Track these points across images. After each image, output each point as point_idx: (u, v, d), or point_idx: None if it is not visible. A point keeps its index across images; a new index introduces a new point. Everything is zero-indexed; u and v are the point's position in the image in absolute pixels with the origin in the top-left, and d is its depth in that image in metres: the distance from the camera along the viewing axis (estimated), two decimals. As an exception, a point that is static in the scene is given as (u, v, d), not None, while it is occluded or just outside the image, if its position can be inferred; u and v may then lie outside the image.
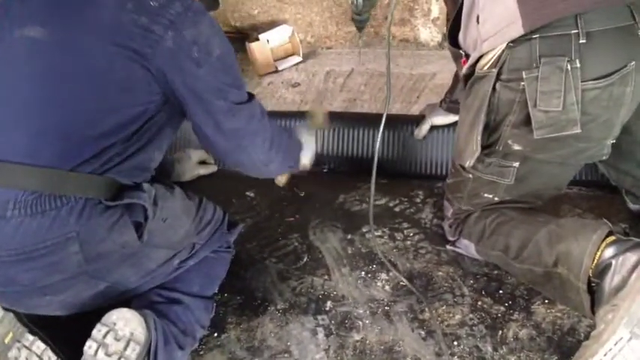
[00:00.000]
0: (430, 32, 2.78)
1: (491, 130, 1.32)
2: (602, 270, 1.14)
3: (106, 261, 1.11)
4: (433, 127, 1.86)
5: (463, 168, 1.43)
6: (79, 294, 1.14)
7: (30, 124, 1.08)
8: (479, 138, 1.30)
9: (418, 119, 1.88)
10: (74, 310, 1.19)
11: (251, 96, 1.27)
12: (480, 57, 1.29)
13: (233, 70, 1.24)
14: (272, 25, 2.80)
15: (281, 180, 1.63)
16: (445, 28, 2.73)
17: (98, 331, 1.12)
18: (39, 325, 1.18)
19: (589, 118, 1.19)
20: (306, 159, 1.53)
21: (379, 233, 1.63)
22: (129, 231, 1.12)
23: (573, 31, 1.14)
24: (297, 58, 2.74)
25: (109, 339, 1.11)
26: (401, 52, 2.80)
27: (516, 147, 1.30)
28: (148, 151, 1.20)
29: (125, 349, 1.11)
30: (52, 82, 1.09)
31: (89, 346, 1.11)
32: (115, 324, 1.13)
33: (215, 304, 1.43)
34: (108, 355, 1.11)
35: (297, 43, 2.74)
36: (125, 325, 1.13)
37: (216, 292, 1.43)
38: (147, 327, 1.15)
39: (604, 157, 1.31)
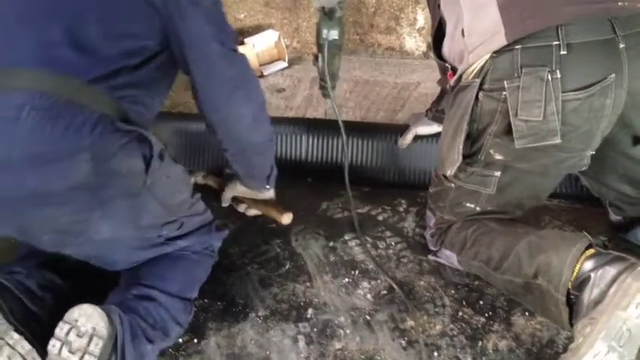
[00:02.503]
0: (415, 41, 2.80)
1: (473, 139, 1.33)
2: (582, 282, 1.15)
3: (108, 183, 1.13)
4: (417, 137, 1.87)
5: (445, 177, 1.44)
6: (74, 216, 1.14)
7: (42, 36, 1.10)
8: (460, 147, 1.32)
9: (402, 128, 1.89)
10: (60, 245, 1.22)
11: (240, 53, 1.31)
12: (466, 69, 1.31)
13: (225, 18, 1.28)
14: (258, 29, 2.79)
15: (287, 218, 1.62)
16: (430, 37, 2.77)
17: (60, 329, 1.12)
18: (25, 325, 1.17)
19: (569, 129, 1.21)
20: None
21: (361, 241, 1.64)
22: (137, 157, 1.15)
23: (554, 43, 1.16)
24: (282, 64, 2.74)
25: (72, 336, 1.11)
26: (386, 61, 2.81)
27: (498, 156, 1.31)
28: (152, 92, 1.25)
29: (88, 344, 1.11)
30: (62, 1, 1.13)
31: (53, 345, 1.11)
32: (76, 320, 1.12)
33: (195, 309, 1.42)
34: (72, 352, 1.10)
35: (283, 49, 2.73)
36: (87, 320, 1.12)
37: (197, 296, 1.42)
38: (110, 321, 1.14)
39: (584, 168, 1.33)
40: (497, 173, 1.36)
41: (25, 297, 1.24)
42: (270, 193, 1.65)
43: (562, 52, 1.16)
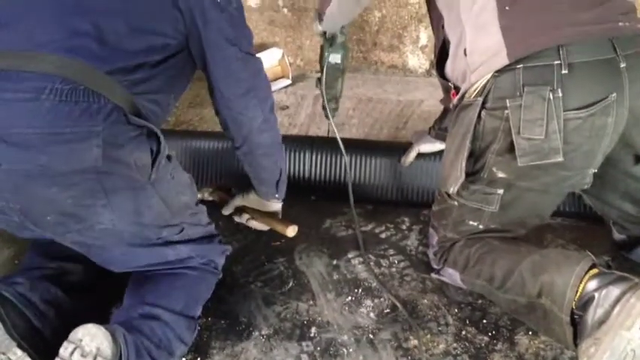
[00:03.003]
0: (418, 59, 2.82)
1: (476, 157, 1.34)
2: (586, 302, 1.15)
3: (115, 172, 1.16)
4: (420, 155, 1.88)
5: (448, 195, 1.45)
6: (79, 200, 1.16)
7: (69, 25, 1.14)
8: (463, 164, 1.33)
9: (404, 146, 1.90)
10: (62, 229, 1.22)
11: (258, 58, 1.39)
12: (469, 88, 1.32)
13: (245, 22, 1.36)
14: (262, 47, 2.81)
15: (292, 231, 1.63)
16: (433, 55, 2.79)
17: (65, 349, 1.12)
18: (28, 341, 1.18)
19: (571, 147, 1.22)
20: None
21: (364, 259, 1.64)
22: (145, 151, 1.19)
23: (556, 62, 1.18)
24: (286, 81, 2.75)
25: (76, 356, 1.11)
26: (389, 78, 2.83)
27: (500, 174, 1.32)
28: (167, 91, 1.30)
29: None
30: None
31: None
32: (81, 340, 1.13)
33: (199, 327, 1.42)
34: None
35: (286, 66, 2.75)
36: (91, 340, 1.13)
37: (200, 315, 1.42)
38: (114, 341, 1.14)
39: (586, 186, 1.34)
40: (500, 191, 1.36)
41: (29, 311, 1.24)
42: (277, 206, 1.66)
43: (563, 72, 1.18)
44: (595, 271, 1.19)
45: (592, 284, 1.16)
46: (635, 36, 1.24)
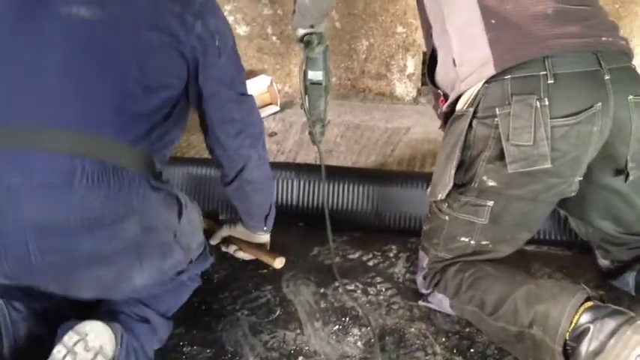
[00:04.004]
0: (405, 87, 2.85)
1: (466, 167, 1.37)
2: (580, 334, 1.16)
3: (150, 239, 1.20)
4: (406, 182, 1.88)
5: (439, 209, 1.47)
6: (119, 274, 1.20)
7: (86, 97, 1.12)
8: (452, 172, 1.36)
9: (392, 174, 1.90)
10: (93, 295, 1.28)
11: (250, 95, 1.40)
12: (459, 97, 1.36)
13: (240, 61, 1.37)
14: (251, 74, 2.83)
15: (279, 263, 1.63)
16: (420, 83, 2.82)
17: (70, 338, 1.15)
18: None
19: (558, 154, 1.26)
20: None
21: (352, 287, 1.63)
22: (171, 212, 1.24)
23: (542, 73, 1.24)
24: (274, 108, 2.77)
25: (79, 348, 1.14)
26: (376, 106, 2.85)
27: (491, 183, 1.34)
28: (175, 137, 1.31)
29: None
30: (102, 59, 1.14)
31: (58, 351, 1.14)
32: (86, 334, 1.16)
33: (184, 357, 1.40)
34: None
35: (275, 93, 2.77)
36: (96, 337, 1.16)
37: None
38: (116, 343, 1.18)
39: (572, 194, 1.36)
40: (490, 203, 1.38)
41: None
42: (265, 238, 1.66)
43: (549, 82, 1.23)
44: (590, 303, 1.20)
45: (586, 316, 1.18)
46: (619, 52, 1.31)
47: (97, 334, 1.17)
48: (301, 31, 1.48)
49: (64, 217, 1.07)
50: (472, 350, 1.42)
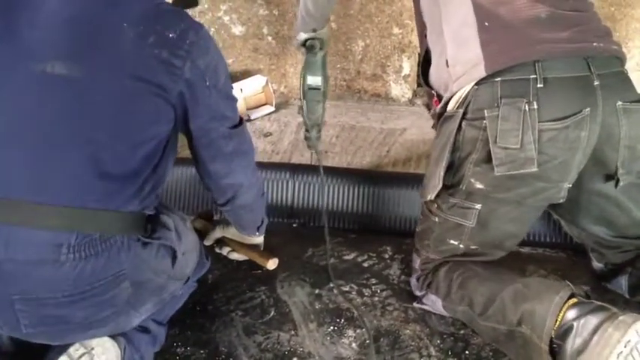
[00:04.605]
0: (401, 88, 2.85)
1: (455, 169, 1.38)
2: (565, 332, 1.16)
3: (145, 290, 1.19)
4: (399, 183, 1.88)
5: (430, 211, 1.47)
6: (115, 328, 1.20)
7: (66, 168, 1.05)
8: (442, 173, 1.36)
9: (388, 175, 1.90)
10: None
11: (241, 119, 1.34)
12: (451, 97, 1.36)
13: (232, 93, 1.31)
14: (246, 75, 2.82)
15: (272, 264, 1.63)
16: (415, 85, 2.83)
17: (76, 350, 1.16)
18: None
19: (545, 158, 1.26)
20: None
21: (347, 288, 1.63)
22: (166, 261, 1.22)
23: (532, 76, 1.24)
24: (269, 108, 2.76)
25: None
26: (372, 107, 2.85)
27: (478, 185, 1.35)
28: (163, 179, 1.24)
29: None
30: (81, 123, 1.06)
31: None
32: (93, 349, 1.17)
33: (177, 357, 1.39)
34: None
35: (270, 94, 2.76)
36: (103, 352, 1.17)
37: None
38: (121, 358, 1.20)
39: (561, 200, 1.36)
40: (478, 206, 1.39)
41: None
42: (258, 240, 1.66)
43: (539, 85, 1.23)
44: (574, 300, 1.21)
45: (571, 313, 1.18)
46: (610, 57, 1.31)
47: (103, 349, 1.17)
48: (304, 36, 1.48)
49: (52, 291, 1.05)
50: (467, 352, 1.42)
